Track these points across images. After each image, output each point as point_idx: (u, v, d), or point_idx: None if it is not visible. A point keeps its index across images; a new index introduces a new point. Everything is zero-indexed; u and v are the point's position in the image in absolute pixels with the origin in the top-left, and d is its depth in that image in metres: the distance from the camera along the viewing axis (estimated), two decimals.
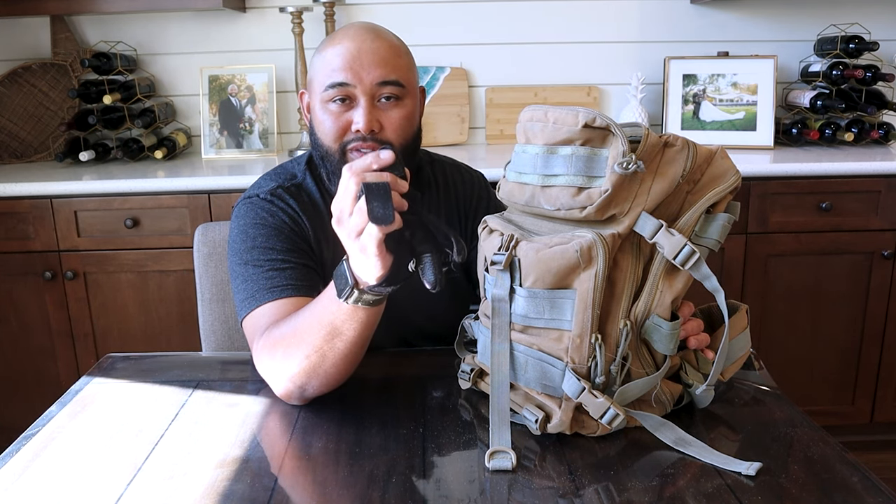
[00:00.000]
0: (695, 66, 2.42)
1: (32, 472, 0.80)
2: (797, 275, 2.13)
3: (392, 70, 1.05)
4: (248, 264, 1.06)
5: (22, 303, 2.09)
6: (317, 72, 1.08)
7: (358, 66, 1.03)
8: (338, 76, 1.04)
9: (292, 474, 0.79)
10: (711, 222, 0.81)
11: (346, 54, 1.04)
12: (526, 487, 0.75)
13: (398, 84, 1.06)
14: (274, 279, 1.04)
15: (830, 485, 0.74)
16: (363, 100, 1.04)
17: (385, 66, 1.05)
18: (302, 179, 1.17)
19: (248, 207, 1.13)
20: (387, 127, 1.06)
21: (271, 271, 1.04)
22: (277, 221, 1.10)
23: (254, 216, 1.11)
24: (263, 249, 1.07)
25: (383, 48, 1.06)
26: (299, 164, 1.19)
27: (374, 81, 1.04)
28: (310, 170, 1.17)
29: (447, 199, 1.22)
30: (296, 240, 1.10)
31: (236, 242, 1.10)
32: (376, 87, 1.04)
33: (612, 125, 0.79)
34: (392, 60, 1.06)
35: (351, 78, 1.03)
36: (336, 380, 0.93)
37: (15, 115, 2.41)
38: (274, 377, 0.94)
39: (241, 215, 1.12)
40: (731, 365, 0.90)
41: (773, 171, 2.06)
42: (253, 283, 1.04)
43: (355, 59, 1.04)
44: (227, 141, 2.42)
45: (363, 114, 1.04)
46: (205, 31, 2.47)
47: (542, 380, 0.83)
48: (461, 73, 2.50)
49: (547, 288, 0.81)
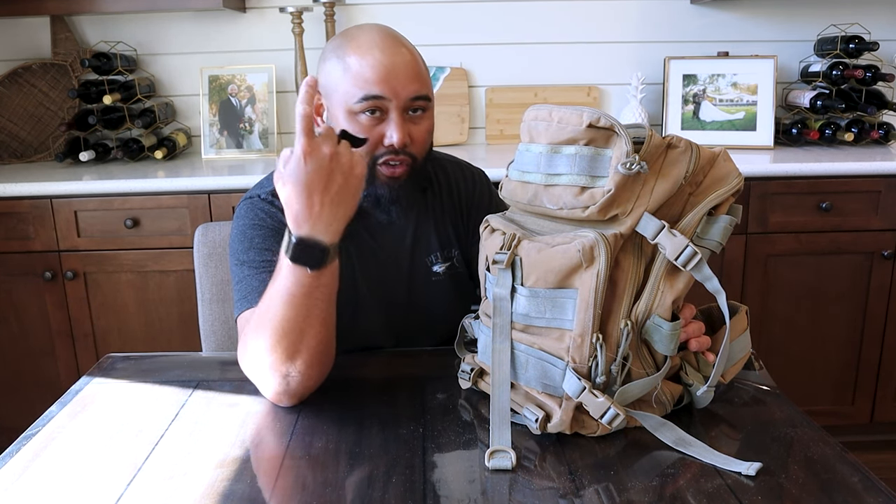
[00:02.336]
0: (695, 66, 2.42)
1: (32, 472, 0.80)
2: (797, 275, 2.13)
3: (423, 85, 1.07)
4: (244, 265, 1.07)
5: (22, 303, 2.09)
6: (341, 80, 1.05)
7: (395, 81, 1.03)
8: (374, 89, 1.03)
9: (292, 474, 0.79)
10: (713, 224, 0.81)
11: (381, 68, 1.03)
12: (526, 488, 0.75)
13: (427, 98, 1.08)
14: (266, 282, 1.02)
15: (830, 485, 0.74)
16: (395, 114, 1.04)
17: (418, 80, 1.06)
18: None
19: (248, 208, 1.13)
20: (415, 140, 1.07)
21: (265, 273, 1.03)
22: (275, 223, 1.10)
23: (253, 217, 1.11)
24: (259, 251, 1.07)
25: (414, 62, 1.06)
26: None
27: (409, 97, 1.05)
28: None
29: (448, 196, 1.22)
30: None
31: (235, 242, 1.11)
32: (409, 102, 1.05)
33: (616, 125, 0.79)
34: (423, 75, 1.07)
35: (387, 92, 1.03)
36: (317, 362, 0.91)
37: (15, 115, 2.41)
38: (257, 371, 0.93)
39: (242, 215, 1.13)
40: (731, 366, 0.90)
41: (773, 171, 2.06)
42: (247, 283, 1.05)
43: (391, 74, 1.03)
44: (227, 141, 2.42)
45: (397, 129, 1.04)
46: (205, 31, 2.47)
47: (542, 379, 0.83)
48: (461, 73, 2.50)
49: (548, 287, 0.81)
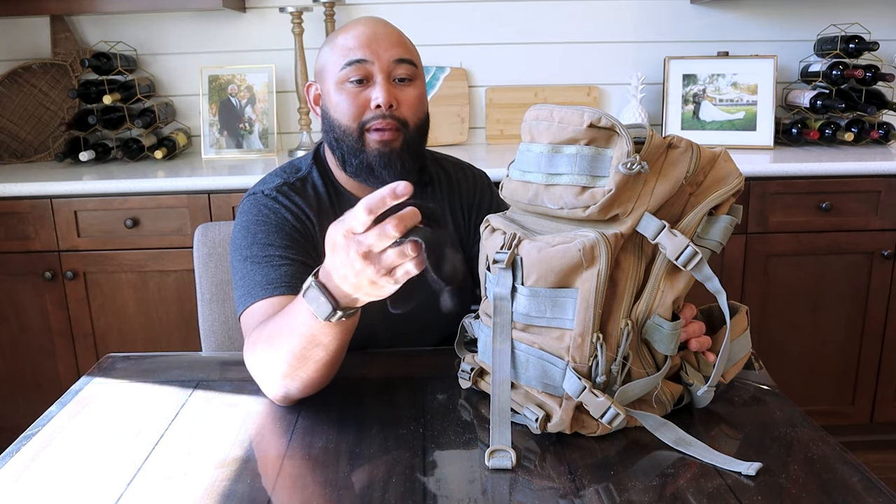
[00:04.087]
0: (695, 66, 2.42)
1: (32, 472, 0.80)
2: (797, 275, 2.13)
3: (406, 50, 1.10)
4: (246, 260, 1.07)
5: (22, 303, 2.09)
6: (329, 57, 1.11)
7: (375, 45, 1.08)
8: (355, 54, 1.07)
9: (292, 474, 0.79)
10: (714, 224, 0.81)
11: (362, 35, 1.09)
12: (526, 488, 0.75)
13: (412, 63, 1.11)
14: (270, 276, 1.04)
15: (830, 485, 0.74)
16: (380, 77, 1.08)
17: (400, 45, 1.10)
18: (307, 173, 1.18)
19: (251, 204, 1.13)
20: (403, 104, 1.09)
21: (268, 267, 1.04)
22: (279, 218, 1.10)
23: (256, 213, 1.11)
24: (262, 246, 1.07)
25: (396, 32, 1.12)
26: (306, 158, 1.20)
27: (391, 59, 1.08)
28: (316, 163, 1.19)
29: (449, 195, 1.24)
30: (296, 237, 1.10)
31: (237, 238, 1.11)
32: (393, 65, 1.08)
33: (617, 125, 0.79)
34: (405, 42, 1.12)
35: (369, 55, 1.07)
36: (319, 383, 0.92)
37: (15, 115, 2.41)
38: (260, 377, 0.94)
39: (244, 211, 1.13)
40: (732, 367, 0.90)
41: (773, 171, 2.06)
42: (250, 279, 1.05)
43: (371, 39, 1.08)
44: (227, 141, 2.42)
45: (382, 89, 1.07)
46: (205, 31, 2.47)
47: (542, 378, 0.83)
48: (461, 73, 2.50)
49: (549, 287, 0.81)
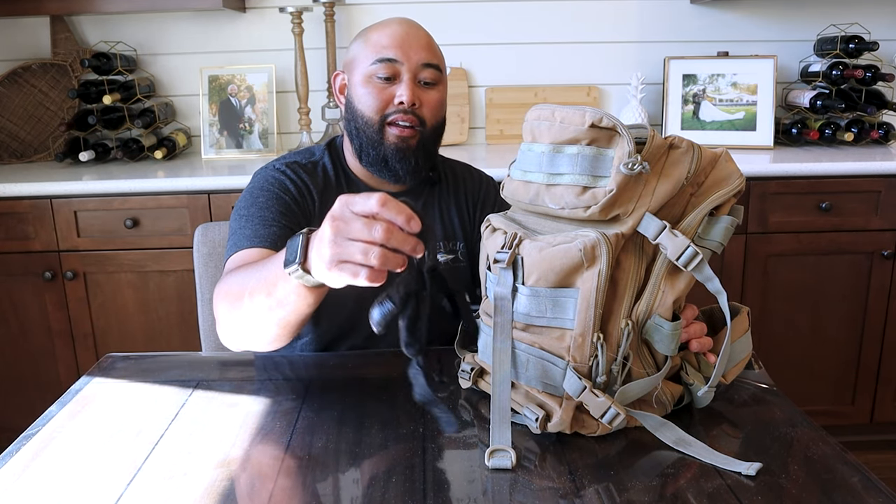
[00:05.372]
0: (695, 66, 2.42)
1: (32, 472, 0.80)
2: (797, 275, 2.13)
3: (434, 56, 1.18)
4: (242, 217, 1.13)
5: (22, 303, 2.09)
6: (361, 51, 1.18)
7: (407, 46, 1.15)
8: (387, 52, 1.14)
9: (292, 474, 0.79)
10: (715, 224, 0.81)
11: (395, 35, 1.15)
12: (526, 488, 0.75)
13: (438, 69, 1.18)
14: (259, 231, 1.10)
15: (830, 485, 0.74)
16: (407, 76, 1.14)
17: (429, 50, 1.17)
18: (320, 158, 1.24)
19: (260, 174, 1.21)
20: (424, 105, 1.16)
21: (260, 226, 1.10)
22: (282, 188, 1.17)
23: (262, 181, 1.18)
24: (260, 208, 1.13)
25: (427, 36, 1.19)
26: (320, 146, 1.27)
27: (419, 62, 1.15)
28: (329, 151, 1.25)
29: (455, 192, 1.29)
30: (294, 209, 1.15)
31: (240, 201, 1.17)
32: (420, 68, 1.15)
33: (618, 125, 0.79)
34: (434, 48, 1.19)
35: (400, 55, 1.14)
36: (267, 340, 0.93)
37: (15, 115, 2.41)
38: (218, 318, 0.97)
39: (253, 180, 1.20)
40: (732, 367, 0.90)
41: (773, 171, 2.06)
42: (241, 233, 1.11)
43: (404, 40, 1.15)
44: (227, 141, 2.42)
45: (407, 88, 1.14)
46: (205, 31, 2.47)
47: (543, 378, 0.83)
48: (461, 73, 2.50)
49: (549, 286, 0.81)
